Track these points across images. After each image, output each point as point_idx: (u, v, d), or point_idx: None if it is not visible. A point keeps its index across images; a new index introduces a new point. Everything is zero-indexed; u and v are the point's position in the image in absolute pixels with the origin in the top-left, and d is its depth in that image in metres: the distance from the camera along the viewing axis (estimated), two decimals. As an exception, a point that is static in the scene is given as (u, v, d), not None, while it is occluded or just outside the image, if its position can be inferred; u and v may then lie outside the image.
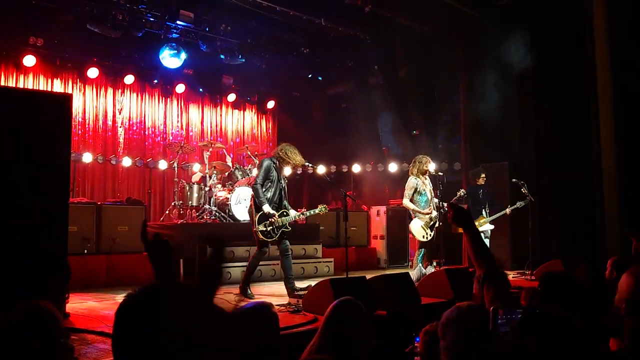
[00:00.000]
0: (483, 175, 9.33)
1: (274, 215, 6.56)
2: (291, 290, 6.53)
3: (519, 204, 8.94)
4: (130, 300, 1.32)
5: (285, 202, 6.84)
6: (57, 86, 11.01)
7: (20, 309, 1.90)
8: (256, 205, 6.62)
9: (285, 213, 6.74)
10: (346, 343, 2.57)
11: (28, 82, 10.59)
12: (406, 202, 7.95)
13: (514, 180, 9.14)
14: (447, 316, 2.08)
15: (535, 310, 2.11)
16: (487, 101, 10.26)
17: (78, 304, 5.98)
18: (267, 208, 6.54)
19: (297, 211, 6.98)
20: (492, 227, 9.11)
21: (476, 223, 8.84)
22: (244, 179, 10.22)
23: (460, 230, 2.92)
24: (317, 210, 7.10)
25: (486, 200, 9.20)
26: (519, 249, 9.64)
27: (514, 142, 10.46)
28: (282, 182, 6.79)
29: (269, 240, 6.63)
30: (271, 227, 6.58)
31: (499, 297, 2.35)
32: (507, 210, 9.03)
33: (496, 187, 9.78)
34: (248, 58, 11.82)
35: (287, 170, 7.12)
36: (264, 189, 6.62)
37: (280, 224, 6.62)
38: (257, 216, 6.58)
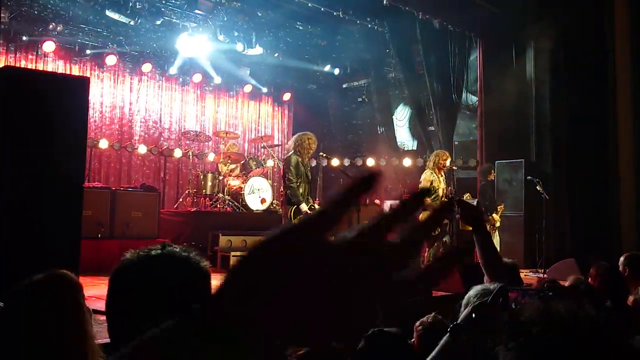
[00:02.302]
0: (493, 171, 9.28)
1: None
2: None
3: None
4: (126, 263, 1.35)
5: (311, 196, 6.92)
6: (75, 73, 11.08)
7: (47, 275, 1.94)
8: (289, 200, 6.66)
9: (312, 207, 6.81)
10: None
11: (47, 68, 10.67)
12: None
13: (529, 177, 9.08)
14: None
15: (548, 293, 2.10)
16: (505, 98, 10.20)
17: (90, 287, 6.03)
18: (304, 207, 6.62)
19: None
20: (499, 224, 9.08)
21: (496, 216, 8.83)
22: (258, 169, 10.26)
23: (469, 228, 2.87)
24: None
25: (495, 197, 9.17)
26: (532, 246, 9.57)
27: (530, 140, 10.38)
28: (309, 174, 6.86)
29: None
30: None
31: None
32: (498, 208, 9.03)
33: (511, 184, 9.72)
34: (265, 49, 11.82)
35: (307, 159, 7.11)
36: (297, 186, 6.69)
37: None
38: (292, 211, 6.63)
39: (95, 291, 5.78)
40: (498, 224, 9.06)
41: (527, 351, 0.80)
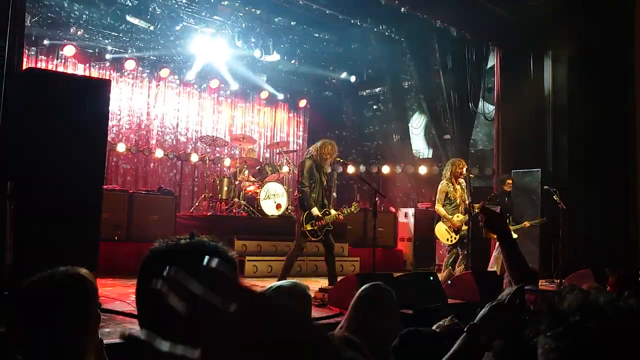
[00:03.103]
0: (509, 181, 9.19)
1: (322, 219, 6.65)
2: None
3: (538, 221, 8.81)
4: (154, 252, 1.36)
5: (326, 201, 6.91)
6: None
7: (63, 271, 1.96)
8: (302, 205, 6.71)
9: (327, 212, 6.82)
10: (373, 328, 2.53)
11: (67, 71, 10.81)
12: (438, 207, 7.89)
13: (545, 187, 9.02)
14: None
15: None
16: (522, 106, 10.16)
17: (106, 288, 6.09)
18: (315, 211, 6.67)
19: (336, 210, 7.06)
20: (516, 236, 8.93)
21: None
22: (273, 174, 10.29)
23: (493, 235, 2.84)
24: (351, 209, 7.17)
25: (512, 207, 9.05)
26: (548, 257, 9.50)
27: (547, 149, 10.33)
28: (324, 180, 6.87)
29: (314, 239, 6.75)
30: (317, 227, 6.67)
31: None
32: (527, 224, 8.89)
33: (528, 194, 9.66)
34: (282, 56, 11.89)
35: (327, 167, 7.13)
36: (309, 190, 6.72)
37: (324, 223, 6.71)
38: (304, 215, 6.67)
39: (111, 292, 5.84)
40: (515, 236, 8.94)
41: (567, 340, 0.81)
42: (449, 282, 6.56)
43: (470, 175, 8.08)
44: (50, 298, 1.87)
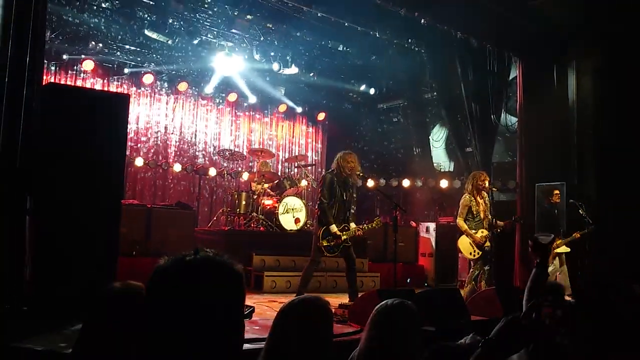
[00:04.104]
0: (556, 192, 9.00)
1: (340, 237, 6.64)
2: None
3: (587, 230, 8.62)
4: (160, 269, 1.38)
5: (348, 216, 6.88)
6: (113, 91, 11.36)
7: (126, 287, 2.02)
8: (320, 220, 6.71)
9: (346, 227, 6.78)
10: (393, 345, 2.48)
11: (85, 86, 10.97)
12: (460, 221, 7.79)
13: (571, 201, 8.91)
14: None
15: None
16: (546, 119, 10.08)
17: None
18: (334, 228, 6.66)
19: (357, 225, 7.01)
20: (568, 249, 8.78)
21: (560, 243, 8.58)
22: (292, 188, 10.32)
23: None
24: (373, 224, 7.14)
25: (561, 219, 8.87)
26: (574, 273, 9.36)
27: (572, 162, 10.22)
28: (345, 195, 6.83)
29: (330, 255, 6.74)
30: (334, 243, 6.65)
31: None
32: (577, 235, 8.69)
33: (552, 207, 9.55)
34: (300, 69, 11.95)
35: (349, 181, 7.00)
36: (328, 206, 6.71)
37: (342, 240, 6.69)
38: (322, 231, 6.66)
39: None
40: (567, 250, 8.73)
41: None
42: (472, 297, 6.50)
43: (494, 188, 8.00)
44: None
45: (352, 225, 6.88)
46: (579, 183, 9.99)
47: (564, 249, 8.69)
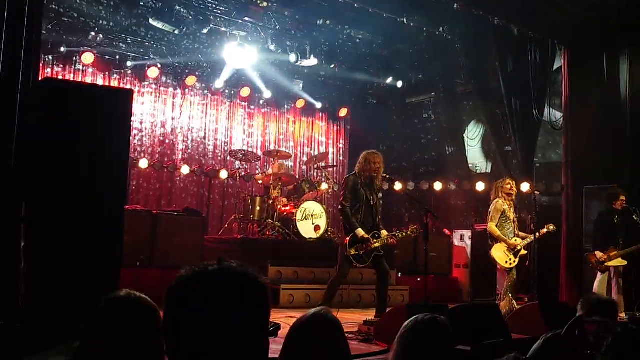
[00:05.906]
0: (623, 197, 8.83)
1: (369, 240, 6.57)
2: None
3: None
4: (181, 280, 1.41)
5: (377, 222, 6.83)
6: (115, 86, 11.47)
7: (131, 296, 2.05)
8: (346, 228, 6.68)
9: (377, 235, 6.73)
10: None
11: (86, 81, 11.08)
12: (491, 226, 7.83)
13: (625, 205, 8.79)
14: None
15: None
16: (594, 113, 9.97)
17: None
18: (360, 232, 6.58)
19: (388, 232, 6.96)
20: (625, 262, 8.60)
21: (606, 256, 8.40)
22: (311, 192, 10.32)
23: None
24: (408, 232, 7.10)
25: (623, 228, 8.68)
26: (629, 286, 9.20)
27: (624, 162, 10.08)
28: (372, 199, 6.78)
29: (361, 265, 6.71)
30: (363, 251, 6.60)
31: None
32: (635, 248, 8.53)
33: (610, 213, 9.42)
34: (320, 60, 11.94)
35: (375, 183, 6.96)
36: (352, 211, 6.66)
37: (373, 247, 6.62)
38: (349, 239, 6.61)
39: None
40: (624, 263, 8.55)
41: None
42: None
43: (536, 192, 7.96)
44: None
45: (384, 232, 6.81)
46: (633, 184, 9.84)
47: (619, 261, 8.51)
